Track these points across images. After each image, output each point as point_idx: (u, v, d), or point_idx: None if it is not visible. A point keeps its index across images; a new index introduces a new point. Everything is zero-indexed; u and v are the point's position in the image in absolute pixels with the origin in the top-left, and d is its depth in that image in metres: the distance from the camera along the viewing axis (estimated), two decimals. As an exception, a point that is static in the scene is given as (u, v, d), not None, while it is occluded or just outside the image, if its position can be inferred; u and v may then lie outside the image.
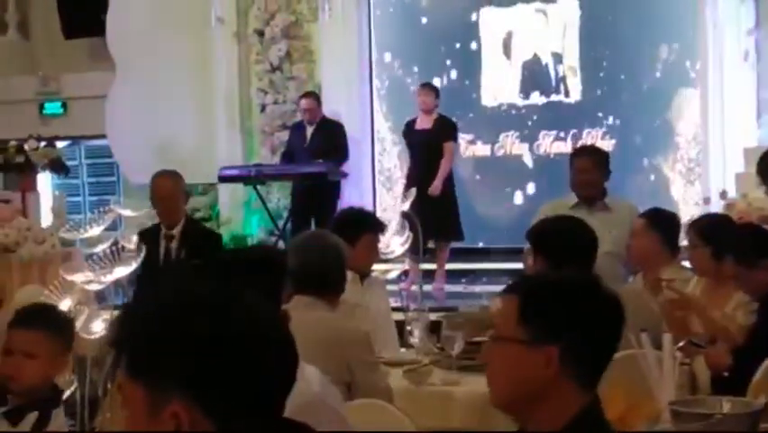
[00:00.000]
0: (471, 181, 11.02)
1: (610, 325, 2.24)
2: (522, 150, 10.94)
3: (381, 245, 5.95)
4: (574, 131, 10.70)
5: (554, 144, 10.78)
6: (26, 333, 3.40)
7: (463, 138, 10.79)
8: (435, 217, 9.05)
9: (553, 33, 10.85)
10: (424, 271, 9.11)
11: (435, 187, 9.48)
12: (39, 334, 3.40)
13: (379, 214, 10.68)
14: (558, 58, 10.81)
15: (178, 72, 11.38)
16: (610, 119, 10.64)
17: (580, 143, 10.31)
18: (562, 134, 10.77)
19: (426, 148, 9.62)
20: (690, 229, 5.11)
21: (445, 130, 9.77)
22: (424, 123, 9.80)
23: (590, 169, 6.32)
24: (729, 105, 9.96)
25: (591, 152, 6.65)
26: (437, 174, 9.51)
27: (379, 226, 5.52)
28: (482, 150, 11.07)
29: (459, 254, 10.02)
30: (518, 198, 10.87)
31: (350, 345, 3.99)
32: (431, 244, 9.37)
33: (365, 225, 5.31)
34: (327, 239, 4.29)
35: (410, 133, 9.89)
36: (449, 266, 9.80)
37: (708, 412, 2.84)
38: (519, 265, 5.95)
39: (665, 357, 3.11)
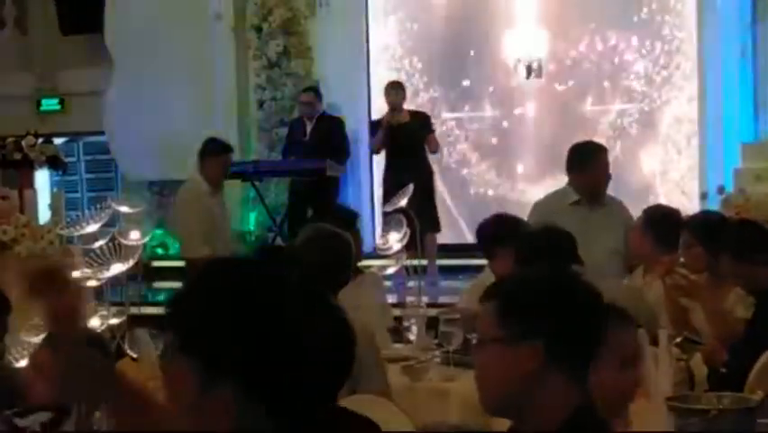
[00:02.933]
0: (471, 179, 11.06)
1: (590, 317, 2.25)
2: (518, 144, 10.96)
3: (379, 242, 5.98)
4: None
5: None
6: None
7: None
8: (420, 210, 8.89)
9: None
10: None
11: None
12: None
13: (377, 209, 10.70)
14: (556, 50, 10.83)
15: (176, 68, 11.37)
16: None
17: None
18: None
19: (408, 141, 9.75)
20: (684, 229, 5.10)
21: (426, 123, 10.03)
22: (396, 118, 9.91)
23: (608, 165, 6.19)
24: (727, 100, 9.96)
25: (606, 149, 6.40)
26: (424, 164, 9.78)
27: (352, 222, 5.56)
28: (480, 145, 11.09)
29: (456, 250, 10.03)
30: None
31: (359, 341, 4.00)
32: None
33: (348, 222, 5.31)
34: (342, 235, 4.32)
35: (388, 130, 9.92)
36: (447, 262, 9.81)
37: (706, 408, 2.84)
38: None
39: (662, 353, 3.12)
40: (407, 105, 10.18)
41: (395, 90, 10.06)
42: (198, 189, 8.14)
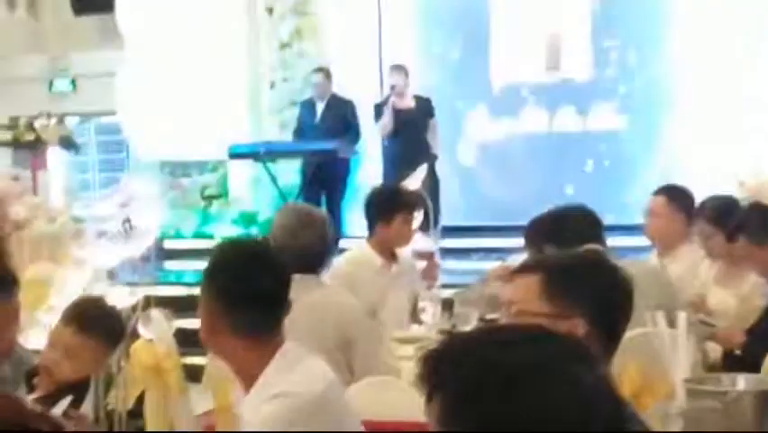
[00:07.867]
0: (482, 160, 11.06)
1: (624, 297, 2.37)
2: (532, 127, 10.94)
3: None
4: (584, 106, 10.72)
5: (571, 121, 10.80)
6: (81, 337, 3.27)
7: (474, 115, 10.89)
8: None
9: (566, 10, 10.82)
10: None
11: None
12: (94, 342, 3.29)
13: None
14: (571, 35, 10.79)
15: (188, 49, 11.36)
16: (623, 96, 10.63)
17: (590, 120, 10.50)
18: (573, 111, 10.77)
19: (411, 127, 9.71)
20: (700, 217, 5.02)
21: (428, 107, 9.95)
22: (401, 103, 9.84)
23: None
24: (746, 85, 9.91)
25: None
26: (428, 149, 9.72)
27: (413, 205, 5.35)
28: (492, 127, 11.07)
29: (468, 231, 10.07)
30: (534, 176, 10.85)
31: (351, 318, 4.02)
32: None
33: (400, 203, 5.17)
34: (317, 216, 4.20)
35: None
36: (459, 243, 9.84)
37: (723, 390, 2.83)
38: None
39: (679, 335, 3.10)
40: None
41: (395, 72, 9.91)
42: None
